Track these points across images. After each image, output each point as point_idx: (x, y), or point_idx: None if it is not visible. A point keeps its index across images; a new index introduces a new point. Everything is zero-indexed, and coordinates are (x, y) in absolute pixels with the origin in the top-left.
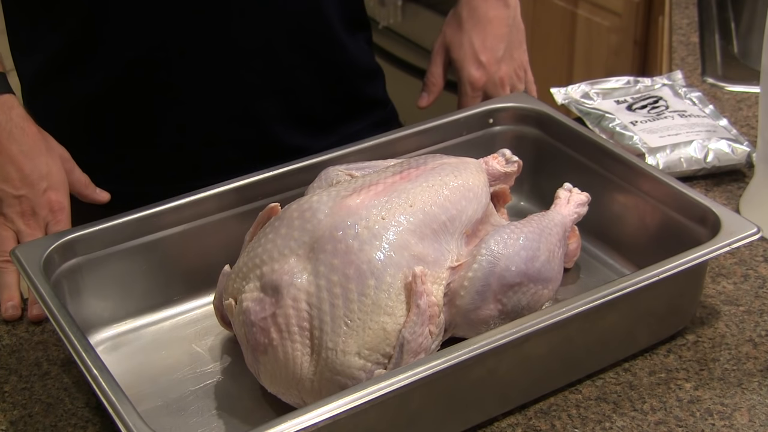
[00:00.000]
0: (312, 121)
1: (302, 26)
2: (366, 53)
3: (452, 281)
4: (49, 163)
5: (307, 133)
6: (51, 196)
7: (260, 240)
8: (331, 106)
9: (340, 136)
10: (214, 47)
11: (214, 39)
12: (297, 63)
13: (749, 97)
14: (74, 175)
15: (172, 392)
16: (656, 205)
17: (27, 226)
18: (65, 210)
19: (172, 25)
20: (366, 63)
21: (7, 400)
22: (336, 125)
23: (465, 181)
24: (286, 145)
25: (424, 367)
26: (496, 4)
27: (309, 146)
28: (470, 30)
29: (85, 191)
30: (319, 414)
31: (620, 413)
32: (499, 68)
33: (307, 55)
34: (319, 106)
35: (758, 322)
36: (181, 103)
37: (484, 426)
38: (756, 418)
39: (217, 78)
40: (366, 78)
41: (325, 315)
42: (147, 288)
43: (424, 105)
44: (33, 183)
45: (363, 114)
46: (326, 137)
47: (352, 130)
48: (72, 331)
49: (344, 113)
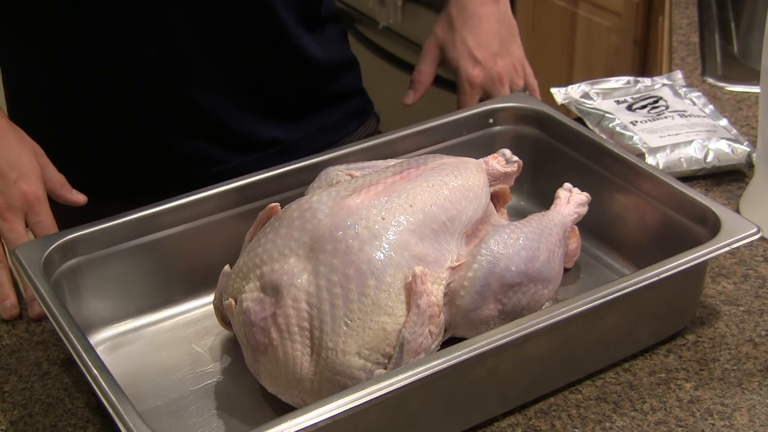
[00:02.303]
0: (283, 114)
1: (259, 33)
2: (337, 46)
3: (452, 281)
4: (18, 153)
5: (280, 125)
6: (23, 187)
7: (260, 240)
8: (302, 99)
9: (315, 127)
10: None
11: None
12: (259, 65)
13: (749, 97)
14: (48, 172)
15: (172, 392)
16: (656, 205)
17: (5, 221)
18: (41, 200)
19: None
20: (337, 56)
21: (7, 400)
22: (309, 116)
23: (465, 181)
24: (260, 137)
25: (424, 367)
26: (484, 1)
27: (283, 138)
28: (462, 28)
29: (60, 191)
30: (319, 414)
31: (620, 413)
32: (496, 63)
33: (267, 58)
34: (288, 99)
35: (758, 322)
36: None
37: (484, 426)
38: (756, 418)
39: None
40: (337, 70)
41: (325, 315)
42: (147, 288)
43: (410, 102)
44: (2, 174)
45: (336, 105)
46: (300, 128)
47: (327, 121)
48: (72, 331)
49: (316, 105)
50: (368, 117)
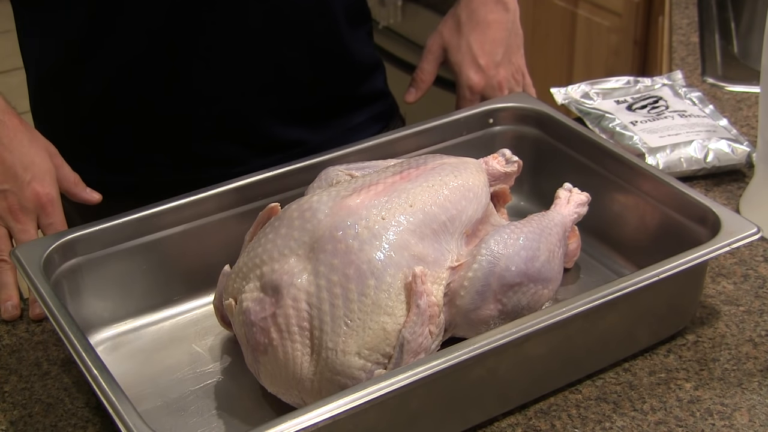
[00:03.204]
0: (312, 115)
1: (308, 22)
2: (367, 46)
3: (452, 281)
4: (32, 154)
5: (307, 127)
6: (37, 188)
7: (260, 240)
8: (331, 100)
9: (341, 130)
10: (219, 39)
11: (220, 31)
12: (298, 58)
13: (749, 97)
14: (62, 171)
15: (172, 392)
16: (656, 205)
17: (17, 222)
18: (54, 202)
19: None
20: (367, 56)
21: (7, 400)
22: (336, 118)
23: (465, 181)
24: (286, 138)
25: (424, 367)
26: (495, 8)
27: (308, 140)
28: (469, 33)
29: (74, 189)
30: (319, 414)
31: (620, 413)
32: (498, 72)
33: (309, 50)
34: (319, 100)
35: (758, 322)
36: (183, 96)
37: (484, 426)
38: (756, 418)
39: (219, 71)
40: (366, 71)
41: (325, 315)
42: (147, 288)
43: (412, 100)
44: (16, 175)
45: (363, 107)
46: (326, 130)
47: (352, 123)
48: (72, 331)
49: (344, 106)
50: (393, 119)
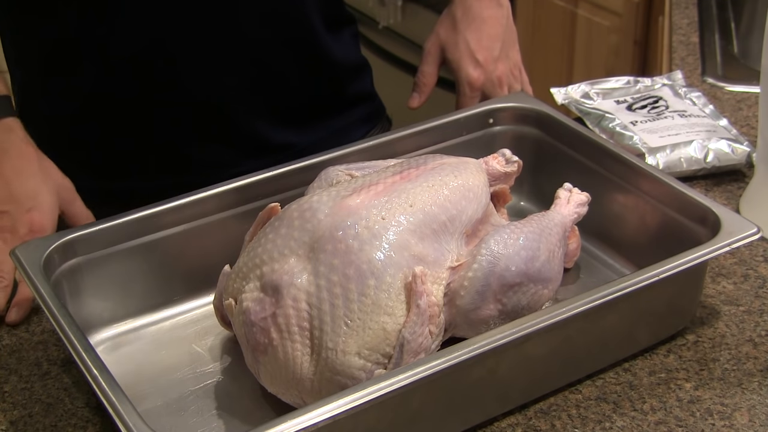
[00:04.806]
0: (298, 118)
1: (286, 30)
2: (351, 48)
3: (452, 281)
4: (40, 186)
5: (294, 128)
6: (34, 217)
7: (260, 240)
8: (317, 103)
9: (328, 132)
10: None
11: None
12: (281, 64)
13: (749, 97)
14: (75, 207)
15: (172, 392)
16: (656, 205)
17: (2, 240)
18: (46, 233)
19: (167, 26)
20: (351, 59)
21: (7, 400)
22: (322, 120)
23: (465, 181)
24: (273, 140)
25: (424, 367)
26: (489, 4)
27: (296, 142)
28: (465, 30)
29: None
30: (319, 414)
31: (620, 413)
32: (496, 67)
33: (291, 57)
34: (305, 103)
35: (758, 322)
36: (171, 101)
37: (484, 426)
38: (756, 418)
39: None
40: (352, 73)
41: (325, 315)
42: (147, 288)
43: (416, 105)
44: (18, 200)
45: (350, 109)
46: (312, 132)
47: (339, 125)
48: (72, 331)
49: (331, 109)
50: (380, 120)
